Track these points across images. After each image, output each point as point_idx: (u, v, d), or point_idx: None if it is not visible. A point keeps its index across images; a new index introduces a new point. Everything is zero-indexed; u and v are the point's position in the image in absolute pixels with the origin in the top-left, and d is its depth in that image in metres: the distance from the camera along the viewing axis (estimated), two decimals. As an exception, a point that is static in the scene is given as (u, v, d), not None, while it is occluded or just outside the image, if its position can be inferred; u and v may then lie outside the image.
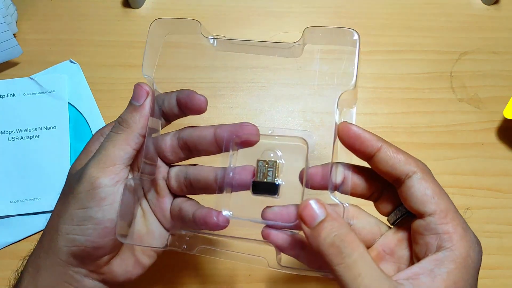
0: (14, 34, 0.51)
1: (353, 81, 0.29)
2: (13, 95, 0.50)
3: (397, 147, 0.28)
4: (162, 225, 0.34)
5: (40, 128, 0.49)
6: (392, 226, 0.31)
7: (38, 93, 0.50)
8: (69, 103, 0.50)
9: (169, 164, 0.34)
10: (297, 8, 0.55)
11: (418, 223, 0.27)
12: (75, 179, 0.30)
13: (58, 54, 0.52)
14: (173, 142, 0.33)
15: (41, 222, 0.46)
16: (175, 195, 0.35)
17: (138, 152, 0.31)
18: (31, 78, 0.51)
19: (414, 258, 0.28)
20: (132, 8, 0.55)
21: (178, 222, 0.33)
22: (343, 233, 0.25)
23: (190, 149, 0.33)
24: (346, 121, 0.29)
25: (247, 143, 0.32)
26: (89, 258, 0.30)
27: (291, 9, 0.55)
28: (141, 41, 0.53)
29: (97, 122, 0.50)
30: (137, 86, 0.32)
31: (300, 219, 0.26)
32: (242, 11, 0.55)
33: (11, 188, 0.47)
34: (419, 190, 0.27)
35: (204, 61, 0.51)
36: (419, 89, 0.52)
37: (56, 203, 0.32)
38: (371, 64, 0.53)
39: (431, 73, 0.52)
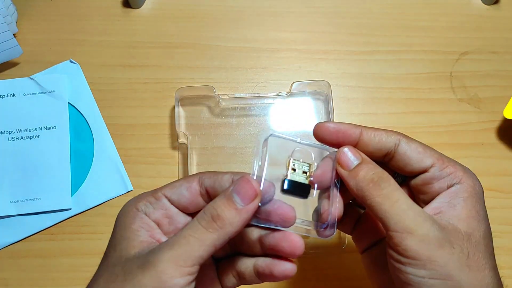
0: (14, 34, 0.51)
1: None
2: (13, 95, 0.50)
3: (373, 127, 0.30)
4: None
5: (40, 128, 0.49)
6: None
7: (38, 93, 0.50)
8: (69, 103, 0.50)
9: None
10: (297, 8, 0.55)
11: (422, 177, 0.30)
12: (135, 265, 0.25)
13: (58, 54, 0.52)
14: (196, 190, 0.29)
15: (41, 222, 0.46)
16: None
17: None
18: (31, 78, 0.51)
19: (423, 205, 0.30)
20: (132, 8, 0.55)
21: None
22: (379, 171, 0.28)
23: (210, 197, 0.29)
24: (319, 122, 0.30)
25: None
26: None
27: (291, 9, 0.55)
28: (141, 41, 0.53)
29: (97, 122, 0.50)
30: (245, 182, 0.26)
31: (339, 164, 0.29)
32: (242, 11, 0.55)
33: (11, 188, 0.47)
34: (413, 151, 0.29)
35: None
36: (419, 89, 0.52)
37: (97, 280, 0.27)
38: (371, 64, 0.53)
39: (431, 73, 0.52)
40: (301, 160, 0.30)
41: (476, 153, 0.49)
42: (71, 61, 0.52)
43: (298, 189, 0.29)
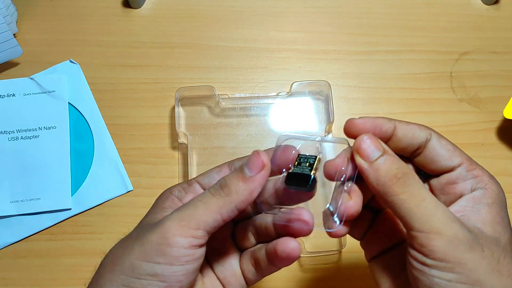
0: (14, 34, 0.51)
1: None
2: (13, 95, 0.50)
3: (404, 121, 0.29)
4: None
5: (40, 128, 0.49)
6: None
7: (38, 93, 0.50)
8: (69, 103, 0.50)
9: None
10: (297, 8, 0.55)
11: (447, 176, 0.29)
12: (148, 226, 0.27)
13: (58, 54, 0.52)
14: (226, 173, 0.30)
15: (41, 222, 0.46)
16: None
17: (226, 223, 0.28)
18: (31, 78, 0.51)
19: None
20: (132, 8, 0.55)
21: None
22: (403, 166, 0.27)
23: None
24: (351, 118, 0.29)
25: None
26: None
27: (291, 9, 0.55)
28: (141, 41, 0.53)
29: (97, 122, 0.50)
30: (254, 154, 0.27)
31: (358, 153, 0.27)
32: (242, 11, 0.55)
33: (11, 188, 0.47)
34: (443, 148, 0.28)
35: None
36: (419, 89, 0.52)
37: (115, 245, 0.28)
38: (371, 64, 0.53)
39: (431, 73, 0.52)
40: (307, 154, 0.29)
41: (476, 153, 0.48)
42: (71, 61, 0.52)
43: (300, 181, 0.28)
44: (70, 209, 0.47)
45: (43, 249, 0.46)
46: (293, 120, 0.50)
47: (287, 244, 0.28)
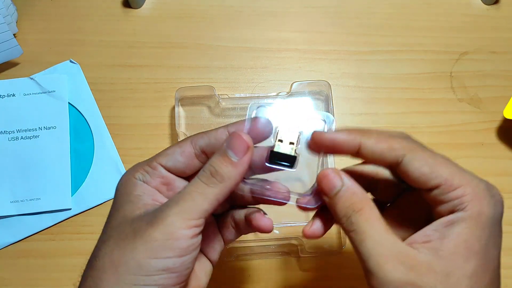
0: (14, 34, 0.51)
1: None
2: (13, 95, 0.50)
3: (377, 134, 0.28)
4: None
5: (40, 128, 0.49)
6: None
7: (38, 93, 0.50)
8: (69, 103, 0.50)
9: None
10: (297, 8, 0.55)
11: (427, 195, 0.27)
12: (143, 222, 0.27)
13: (58, 54, 0.52)
14: (190, 153, 0.31)
15: (41, 222, 0.46)
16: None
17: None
18: (31, 78, 0.51)
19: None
20: (132, 8, 0.55)
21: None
22: (355, 201, 0.27)
23: (207, 156, 0.31)
24: (317, 131, 0.29)
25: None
26: None
27: (291, 9, 0.55)
28: (141, 41, 0.53)
29: (97, 122, 0.50)
30: (237, 136, 0.28)
31: (320, 189, 0.28)
32: (242, 11, 0.55)
33: (11, 188, 0.47)
34: (416, 171, 0.27)
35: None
36: (419, 89, 0.52)
37: (105, 246, 0.28)
38: (371, 64, 0.53)
39: (431, 73, 0.52)
40: (288, 130, 0.30)
41: (476, 153, 0.49)
42: (71, 61, 0.52)
43: (284, 160, 0.30)
44: (70, 209, 0.47)
45: (43, 249, 0.46)
46: (293, 120, 0.49)
47: (261, 220, 0.31)
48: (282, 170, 0.30)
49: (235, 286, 0.44)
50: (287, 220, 0.45)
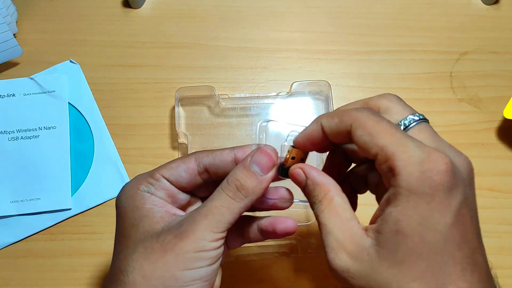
0: (14, 34, 0.51)
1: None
2: (13, 95, 0.50)
3: (337, 110, 0.29)
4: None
5: (40, 128, 0.49)
6: None
7: (38, 93, 0.50)
8: (69, 103, 0.50)
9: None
10: (297, 8, 0.55)
11: (377, 167, 0.26)
12: (171, 235, 0.28)
13: (58, 54, 0.52)
14: (194, 170, 0.31)
15: (41, 222, 0.46)
16: None
17: None
18: (31, 78, 0.51)
19: None
20: (132, 8, 0.55)
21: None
22: (317, 193, 0.28)
23: (210, 174, 0.32)
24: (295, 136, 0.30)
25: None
26: None
27: (291, 9, 0.55)
28: (141, 41, 0.53)
29: (97, 122, 0.50)
30: (264, 153, 0.29)
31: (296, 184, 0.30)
32: (242, 11, 0.55)
33: (11, 188, 0.47)
34: (359, 140, 0.26)
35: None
36: (419, 89, 0.52)
37: (134, 263, 0.28)
38: (371, 64, 0.53)
39: (431, 73, 0.52)
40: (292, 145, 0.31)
41: (476, 153, 0.49)
42: (71, 61, 0.52)
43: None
44: (70, 209, 0.47)
45: (43, 249, 0.46)
46: (293, 120, 0.49)
47: (286, 223, 0.32)
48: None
49: (235, 286, 0.44)
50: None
